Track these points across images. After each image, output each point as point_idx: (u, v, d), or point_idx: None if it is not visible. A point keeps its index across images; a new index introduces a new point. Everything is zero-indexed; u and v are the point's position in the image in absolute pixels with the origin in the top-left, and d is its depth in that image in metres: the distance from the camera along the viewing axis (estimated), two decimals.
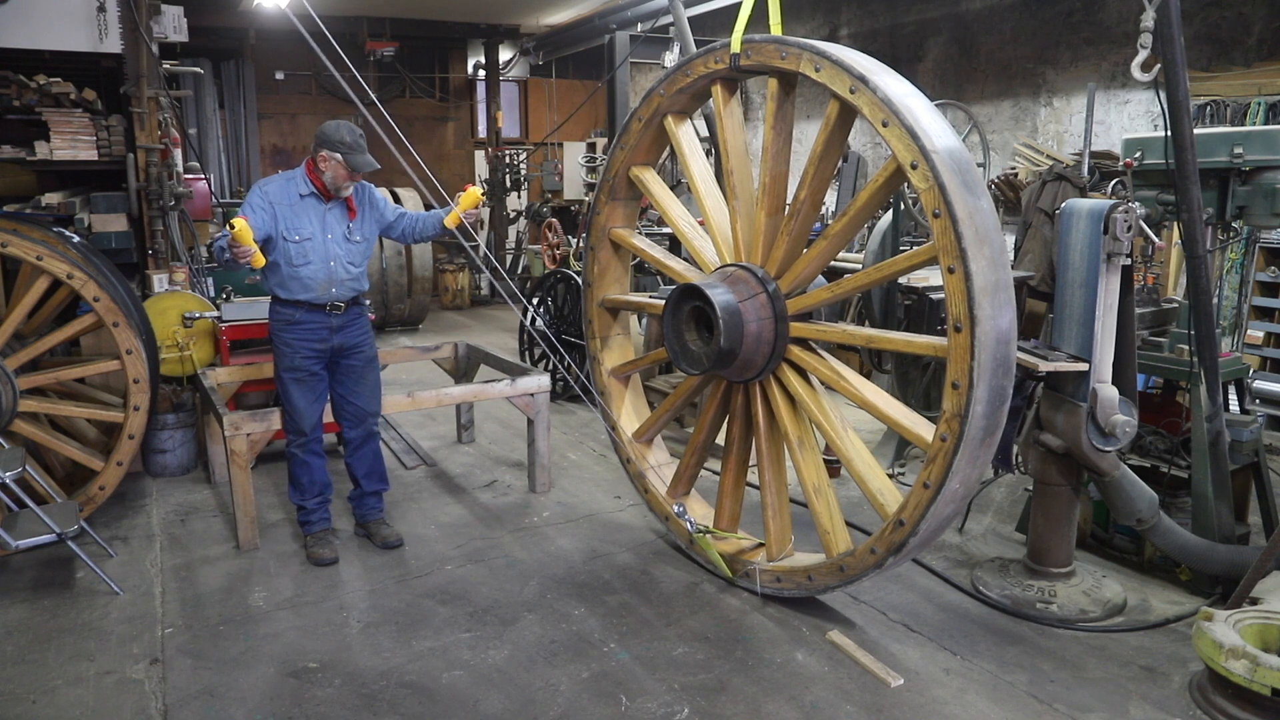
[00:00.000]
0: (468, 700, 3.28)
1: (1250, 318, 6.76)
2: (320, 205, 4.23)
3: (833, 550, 3.67)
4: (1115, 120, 8.25)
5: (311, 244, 4.18)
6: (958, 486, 3.19)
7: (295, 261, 4.17)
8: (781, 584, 3.88)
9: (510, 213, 13.59)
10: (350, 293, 4.35)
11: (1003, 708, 3.24)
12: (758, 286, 3.67)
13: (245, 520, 4.52)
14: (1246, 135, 4.09)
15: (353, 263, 4.33)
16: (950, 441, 3.11)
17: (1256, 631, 3.20)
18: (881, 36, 10.66)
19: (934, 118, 3.14)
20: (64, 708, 3.23)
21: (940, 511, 3.24)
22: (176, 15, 6.32)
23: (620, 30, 10.45)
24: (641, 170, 4.41)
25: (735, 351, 3.61)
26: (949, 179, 2.99)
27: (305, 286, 4.21)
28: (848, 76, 3.19)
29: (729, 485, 4.15)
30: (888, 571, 3.55)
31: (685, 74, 3.96)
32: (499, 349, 6.29)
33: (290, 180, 4.24)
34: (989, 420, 3.10)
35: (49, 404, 4.77)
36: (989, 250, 3.01)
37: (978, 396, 3.01)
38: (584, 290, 4.83)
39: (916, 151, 3.04)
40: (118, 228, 6.14)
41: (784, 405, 3.76)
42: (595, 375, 4.86)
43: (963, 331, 3.02)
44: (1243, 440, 4.12)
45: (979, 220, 3.01)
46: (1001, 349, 3.03)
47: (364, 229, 4.38)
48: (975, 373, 2.99)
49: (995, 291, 3.01)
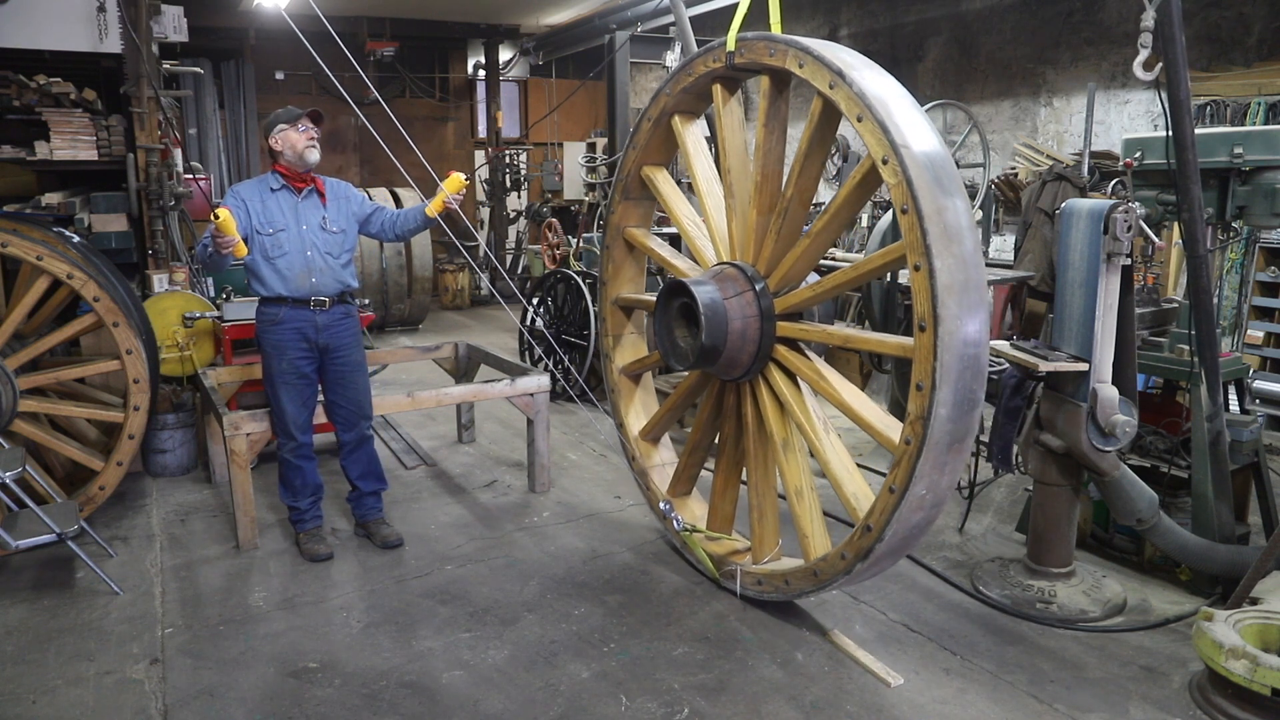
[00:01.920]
0: (468, 700, 3.28)
1: (1250, 318, 6.76)
2: (293, 197, 4.31)
3: (810, 554, 3.59)
4: (1115, 120, 8.25)
5: (286, 234, 4.25)
6: (924, 492, 3.07)
7: (271, 254, 4.23)
8: (762, 587, 3.83)
9: (510, 213, 13.59)
10: (333, 286, 4.35)
11: (1003, 708, 3.24)
12: (745, 284, 3.64)
13: (245, 520, 4.52)
14: (1246, 135, 4.09)
15: (330, 252, 4.34)
16: (914, 445, 3.00)
17: (1256, 631, 3.20)
18: (881, 36, 10.66)
19: (911, 114, 3.07)
20: (64, 708, 3.23)
21: (907, 518, 3.12)
22: (176, 15, 6.33)
23: (620, 30, 10.46)
24: (653, 170, 4.40)
25: (719, 348, 3.57)
26: (917, 174, 2.92)
27: (283, 278, 4.24)
28: (827, 72, 3.15)
29: (721, 485, 4.12)
30: (860, 579, 3.45)
31: (688, 73, 3.97)
32: (499, 349, 6.29)
33: (261, 180, 4.36)
34: (956, 425, 2.99)
35: (49, 404, 4.77)
36: (958, 249, 2.92)
37: (941, 399, 2.92)
38: (599, 289, 4.85)
39: (887, 146, 2.97)
40: (118, 228, 6.14)
41: (771, 406, 3.71)
42: (607, 373, 4.87)
43: (926, 331, 2.93)
44: (1243, 440, 4.11)
45: (948, 218, 2.92)
46: (969, 350, 2.93)
47: (339, 220, 4.41)
48: (938, 374, 2.90)
49: (962, 291, 2.91)
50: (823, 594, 3.65)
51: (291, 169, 4.29)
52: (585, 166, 11.42)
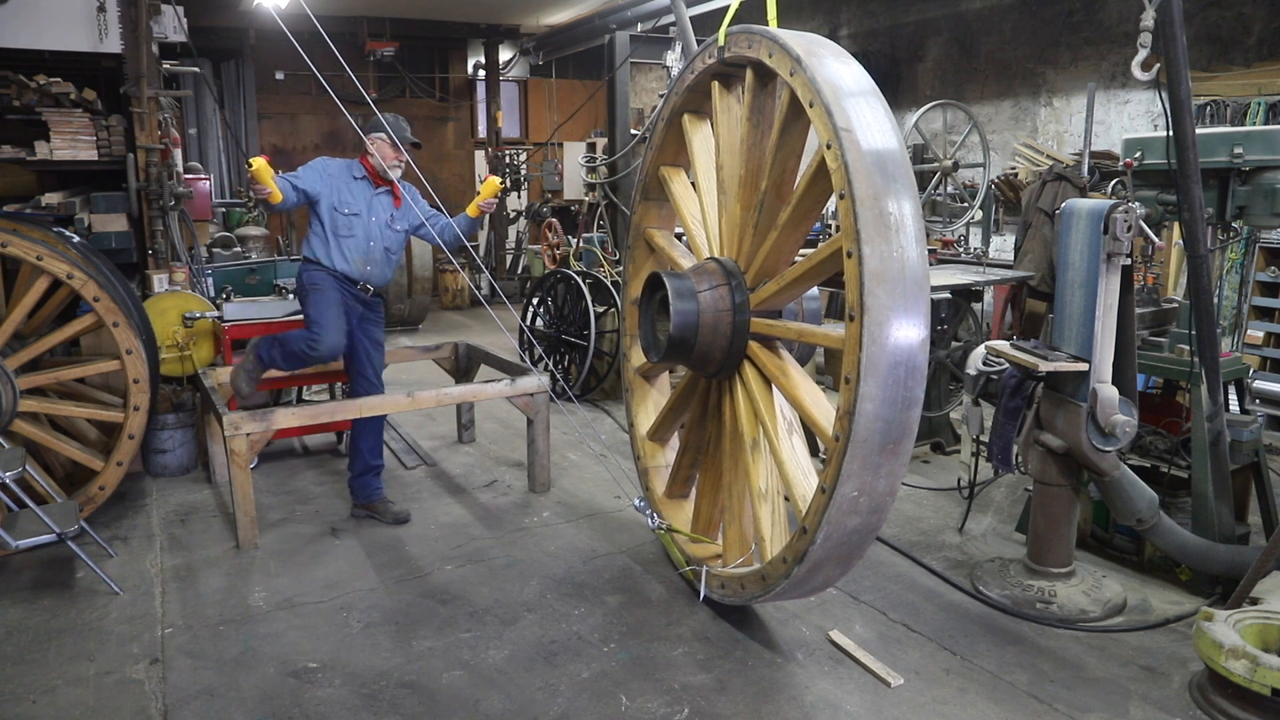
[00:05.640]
0: (468, 700, 3.28)
1: (1250, 318, 6.76)
2: (370, 190, 4.69)
3: (766, 558, 3.46)
4: (1115, 120, 8.25)
5: (358, 220, 4.63)
6: (856, 494, 2.90)
7: (341, 232, 4.60)
8: (725, 590, 3.68)
9: (510, 213, 13.59)
10: (380, 278, 4.74)
11: (1003, 708, 3.24)
12: (722, 278, 3.58)
13: (245, 520, 4.52)
14: (1246, 135, 4.09)
15: (390, 248, 4.74)
16: (842, 441, 2.84)
17: (1256, 631, 3.20)
18: (881, 36, 10.66)
19: (864, 103, 2.94)
20: (64, 708, 3.23)
21: (840, 521, 2.95)
22: (176, 15, 6.32)
23: (620, 30, 10.44)
24: (670, 170, 4.40)
25: (689, 341, 3.53)
26: (854, 159, 2.81)
27: (344, 257, 4.60)
28: (789, 59, 3.10)
29: (704, 487, 4.04)
30: (803, 585, 3.26)
31: (691, 72, 3.97)
32: (499, 349, 6.29)
33: (348, 164, 4.74)
34: (887, 423, 2.82)
35: (49, 404, 4.77)
36: (895, 238, 2.79)
37: (866, 393, 2.76)
38: (621, 288, 4.88)
39: (831, 131, 2.88)
40: (118, 228, 6.13)
41: (744, 404, 3.62)
42: (624, 371, 4.89)
43: (855, 321, 2.79)
44: (1243, 440, 4.11)
45: (886, 205, 2.79)
46: (900, 344, 2.79)
47: (404, 220, 4.79)
48: (864, 366, 2.75)
49: (895, 281, 2.78)
50: (773, 599, 3.48)
51: (373, 170, 4.66)
52: (585, 167, 11.41)
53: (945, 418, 6.21)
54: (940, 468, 5.80)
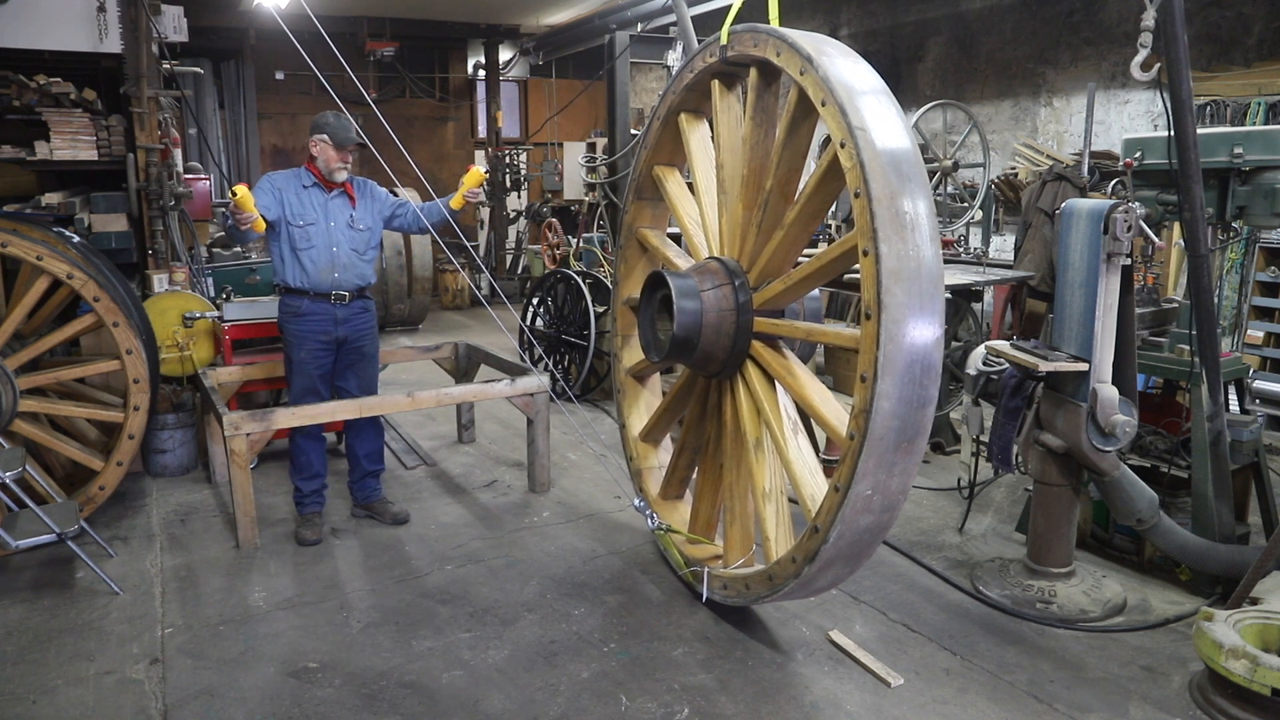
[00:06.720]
0: (468, 700, 3.28)
1: (1250, 318, 6.76)
2: (323, 195, 4.54)
3: (771, 558, 3.47)
4: (1115, 120, 8.25)
5: (315, 229, 4.48)
6: (870, 492, 2.91)
7: (299, 245, 4.46)
8: (727, 591, 3.68)
9: (510, 213, 13.58)
10: (354, 281, 4.59)
11: (1003, 708, 3.24)
12: (725, 278, 3.57)
13: (245, 520, 4.52)
14: (1246, 135, 4.09)
15: (356, 249, 4.59)
16: (857, 440, 2.85)
17: (1256, 631, 3.20)
18: (881, 36, 10.66)
19: (876, 101, 2.95)
20: (64, 708, 3.23)
21: (854, 520, 2.96)
22: (176, 15, 6.32)
23: (620, 30, 10.45)
24: (664, 170, 4.39)
25: (692, 340, 3.51)
26: (870, 157, 2.82)
27: (306, 272, 4.48)
28: (799, 58, 3.10)
29: (702, 488, 4.03)
30: (812, 585, 3.27)
31: (690, 71, 3.97)
32: (499, 349, 6.29)
33: (295, 174, 4.57)
34: (903, 421, 2.83)
35: (49, 404, 4.77)
36: (911, 236, 2.81)
37: (882, 391, 2.78)
38: (613, 289, 4.85)
39: (845, 130, 2.89)
40: (118, 228, 6.13)
41: (747, 404, 3.61)
42: (615, 373, 4.87)
43: (871, 319, 2.80)
44: (1243, 440, 4.11)
45: (901, 204, 2.80)
46: (916, 342, 2.80)
47: (366, 218, 4.64)
48: (880, 364, 2.76)
49: (911, 279, 2.79)
50: (779, 600, 3.49)
51: (321, 174, 4.53)
52: (585, 166, 11.41)
53: (945, 418, 6.22)
54: (940, 468, 5.80)
